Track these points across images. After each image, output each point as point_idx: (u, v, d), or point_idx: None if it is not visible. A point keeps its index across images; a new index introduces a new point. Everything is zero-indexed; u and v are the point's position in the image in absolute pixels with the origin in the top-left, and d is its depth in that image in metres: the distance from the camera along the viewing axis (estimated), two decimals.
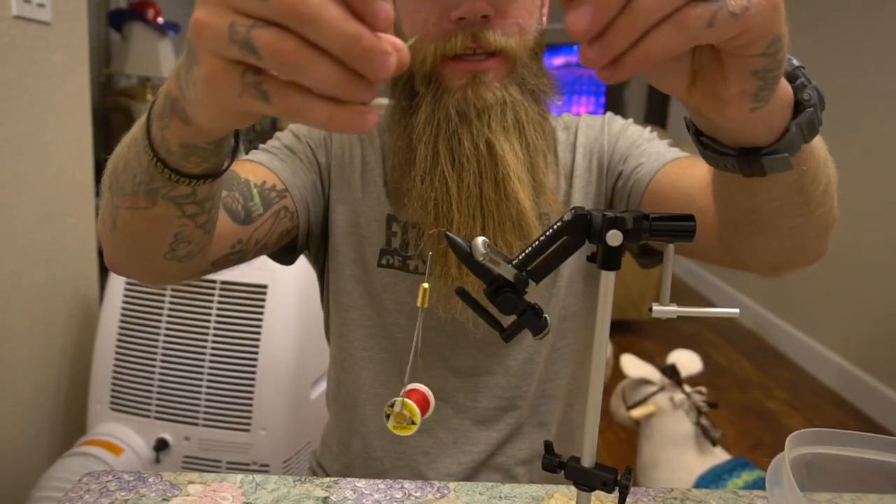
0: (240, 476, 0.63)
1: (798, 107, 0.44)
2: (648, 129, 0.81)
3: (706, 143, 0.46)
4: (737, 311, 0.47)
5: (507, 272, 0.45)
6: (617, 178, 0.77)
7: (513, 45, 0.66)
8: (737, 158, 0.45)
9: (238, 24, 0.31)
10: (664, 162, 0.72)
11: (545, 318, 0.47)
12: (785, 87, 0.42)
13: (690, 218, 0.45)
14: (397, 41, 0.33)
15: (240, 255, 0.67)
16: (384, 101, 0.75)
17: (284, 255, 0.79)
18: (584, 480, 0.46)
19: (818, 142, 0.49)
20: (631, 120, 0.82)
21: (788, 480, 0.44)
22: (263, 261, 0.79)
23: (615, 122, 0.82)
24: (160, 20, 3.43)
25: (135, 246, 0.56)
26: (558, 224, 0.45)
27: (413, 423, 0.56)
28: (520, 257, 0.46)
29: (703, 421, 1.53)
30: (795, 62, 0.44)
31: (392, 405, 0.55)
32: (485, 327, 0.73)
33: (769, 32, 0.35)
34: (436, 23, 0.64)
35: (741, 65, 0.36)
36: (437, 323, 0.74)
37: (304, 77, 0.32)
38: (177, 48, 3.65)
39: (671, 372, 1.62)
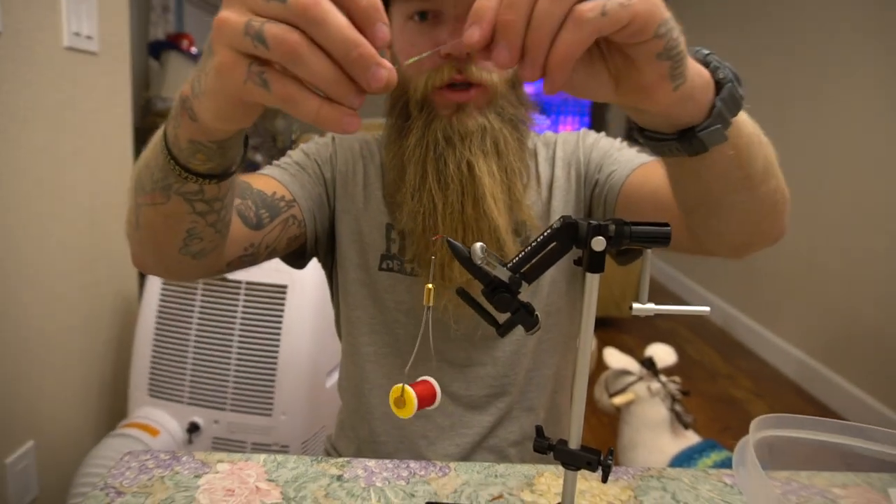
0: (263, 456, 0.63)
1: (718, 87, 0.46)
2: (619, 139, 0.81)
3: (650, 136, 0.48)
4: (707, 308, 0.47)
5: (503, 274, 0.45)
6: (594, 186, 0.77)
7: (493, 78, 0.66)
8: (678, 140, 0.46)
9: (254, 21, 0.33)
10: (633, 167, 0.72)
11: (536, 315, 0.47)
12: (699, 68, 0.44)
13: (666, 225, 0.45)
14: (388, 63, 0.35)
15: (252, 258, 0.68)
16: (381, 120, 0.75)
17: (295, 260, 0.79)
18: (571, 461, 0.46)
19: (748, 121, 0.51)
20: (603, 133, 0.82)
21: (752, 460, 0.44)
22: (283, 264, 0.79)
23: (589, 135, 0.82)
24: (193, 49, 3.44)
25: (154, 240, 0.57)
26: (548, 231, 0.45)
27: (413, 407, 0.56)
28: (514, 261, 0.46)
29: (677, 407, 1.53)
30: (705, 51, 0.47)
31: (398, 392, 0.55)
32: (465, 324, 0.74)
33: (655, 16, 0.37)
34: (428, 58, 0.65)
35: (644, 51, 0.39)
36: (433, 320, 0.74)
37: (303, 69, 0.33)
38: None
39: (649, 363, 1.62)
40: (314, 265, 0.83)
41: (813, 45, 2.75)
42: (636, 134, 0.50)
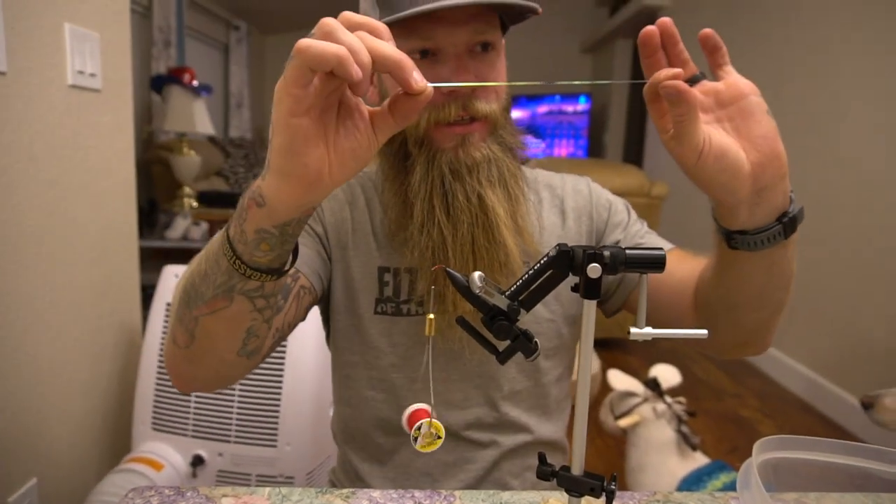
0: (268, 489, 0.63)
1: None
2: (623, 203, 0.83)
3: (758, 231, 0.55)
4: (705, 332, 0.47)
5: (501, 302, 0.46)
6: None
7: (494, 109, 0.68)
8: (782, 224, 0.54)
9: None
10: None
11: (535, 342, 0.47)
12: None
13: (660, 249, 0.45)
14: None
15: (280, 339, 0.69)
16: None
17: None
18: (575, 487, 0.46)
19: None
20: (611, 197, 0.84)
21: (756, 483, 0.44)
22: None
23: (599, 190, 0.84)
24: (195, 83, 3.49)
25: (213, 349, 0.59)
26: (545, 259, 0.45)
27: (439, 437, 0.57)
28: (512, 289, 0.46)
29: (684, 428, 1.52)
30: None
31: (419, 428, 0.56)
32: (480, 353, 0.74)
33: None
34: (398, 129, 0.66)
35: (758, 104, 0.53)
36: (443, 352, 0.75)
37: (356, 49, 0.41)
38: (209, 108, 3.71)
39: (653, 384, 1.60)
40: None
41: (819, 61, 2.79)
42: (735, 238, 0.56)
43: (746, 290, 0.61)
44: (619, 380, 1.65)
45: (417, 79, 0.43)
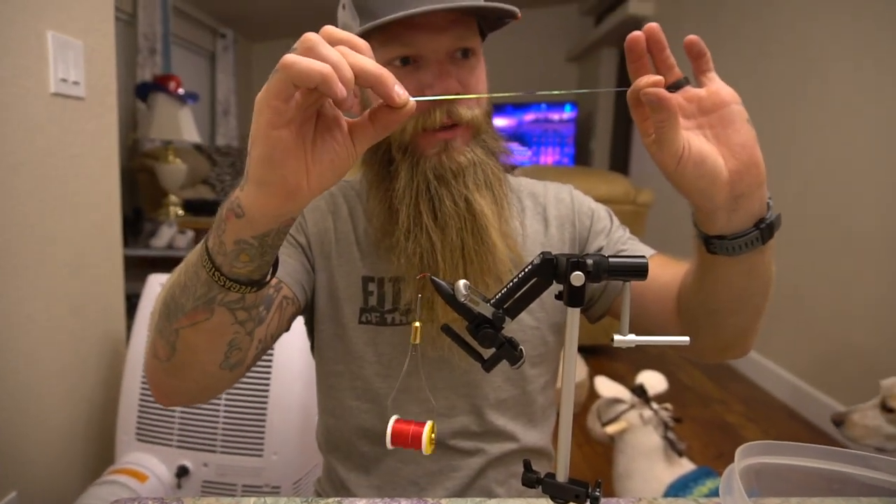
0: (252, 499, 0.62)
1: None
2: (605, 210, 0.84)
3: (735, 236, 0.56)
4: (686, 339, 0.47)
5: (486, 310, 0.46)
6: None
7: (477, 115, 0.68)
8: (759, 230, 0.55)
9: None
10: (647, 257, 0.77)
11: (520, 349, 0.48)
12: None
13: (642, 257, 0.46)
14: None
15: (263, 351, 0.69)
16: None
17: None
18: (559, 494, 0.47)
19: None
20: (593, 204, 0.84)
21: (738, 489, 0.44)
22: None
23: (581, 198, 0.84)
24: (181, 91, 3.48)
25: (194, 362, 0.58)
26: (529, 267, 0.46)
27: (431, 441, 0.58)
28: (496, 297, 0.47)
29: (670, 434, 1.52)
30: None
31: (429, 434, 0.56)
32: (463, 365, 0.74)
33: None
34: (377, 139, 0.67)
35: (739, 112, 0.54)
36: (414, 368, 0.74)
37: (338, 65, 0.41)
38: (195, 116, 3.69)
39: (640, 391, 1.61)
40: None
41: (799, 71, 2.83)
42: (713, 243, 0.57)
43: (726, 295, 0.62)
44: (606, 387, 1.66)
45: (400, 93, 0.43)
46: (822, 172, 2.54)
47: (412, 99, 0.44)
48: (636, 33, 0.51)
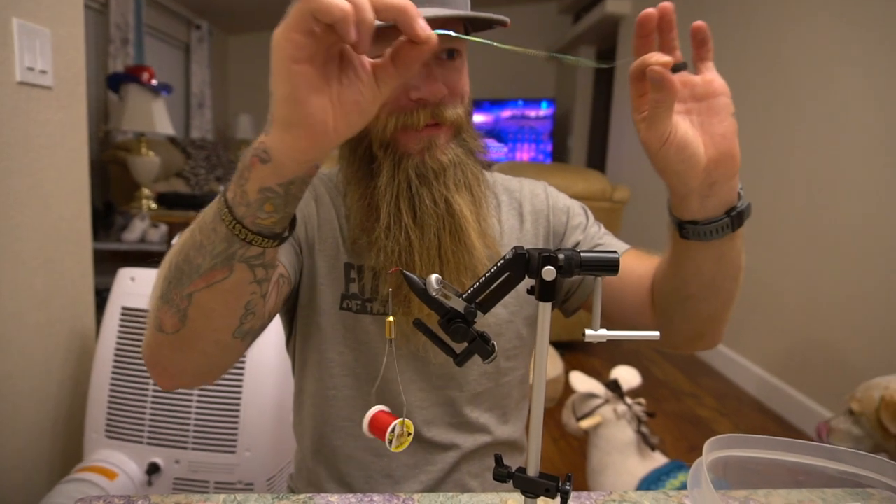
0: (222, 496, 0.61)
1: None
2: (581, 206, 0.85)
3: (708, 222, 0.59)
4: (657, 333, 0.48)
5: (458, 305, 0.46)
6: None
7: (460, 113, 0.68)
8: (730, 217, 0.58)
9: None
10: (622, 252, 0.78)
11: (493, 344, 0.48)
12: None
13: (614, 253, 0.46)
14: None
15: (263, 328, 0.66)
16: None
17: None
18: (530, 488, 0.47)
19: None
20: (568, 201, 0.85)
21: (706, 481, 0.45)
22: None
23: (556, 194, 0.85)
24: (154, 82, 3.41)
25: (208, 329, 0.55)
26: (501, 262, 0.46)
27: (409, 433, 0.58)
28: (469, 291, 0.46)
29: (643, 429, 1.54)
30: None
31: (393, 430, 0.56)
32: (440, 358, 0.74)
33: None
34: (394, 99, 0.66)
35: (724, 104, 0.58)
36: (391, 361, 0.74)
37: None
38: (169, 108, 3.63)
39: (614, 386, 1.63)
40: None
41: (776, 70, 2.88)
42: (686, 228, 0.60)
43: (698, 281, 0.64)
44: (581, 382, 1.67)
45: (423, 26, 0.43)
46: (794, 173, 2.59)
47: (435, 32, 0.44)
48: (649, 11, 0.53)
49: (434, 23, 0.64)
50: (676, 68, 0.55)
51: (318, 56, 0.43)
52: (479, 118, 5.94)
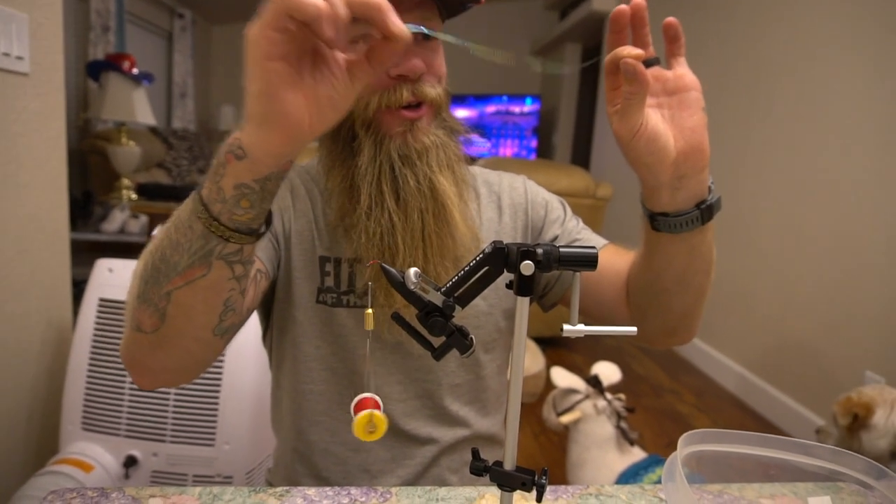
0: (198, 489, 0.61)
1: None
2: (558, 200, 0.85)
3: (678, 215, 0.60)
4: (634, 329, 0.48)
5: (437, 298, 0.46)
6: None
7: (440, 93, 0.69)
8: (700, 210, 0.60)
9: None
10: (600, 247, 0.78)
11: (471, 338, 0.48)
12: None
13: (592, 247, 0.46)
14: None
15: (241, 325, 0.65)
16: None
17: None
18: (506, 482, 0.47)
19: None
20: (547, 195, 0.85)
21: (680, 475, 0.45)
22: None
23: (535, 188, 0.85)
24: (135, 71, 3.36)
25: (188, 327, 0.55)
26: (480, 256, 0.46)
27: (373, 430, 0.57)
28: (447, 285, 0.46)
29: (623, 424, 1.56)
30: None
31: (370, 419, 0.56)
32: (418, 350, 0.74)
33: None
34: (378, 78, 0.66)
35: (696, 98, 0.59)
36: (385, 347, 0.74)
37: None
38: (151, 98, 3.58)
39: (594, 381, 1.64)
40: None
41: (752, 69, 2.90)
42: (657, 220, 0.61)
43: (670, 274, 0.65)
44: (562, 377, 1.68)
45: (395, 22, 0.43)
46: (771, 173, 2.62)
47: (407, 27, 0.44)
48: (622, 7, 0.54)
49: (408, 13, 0.64)
50: (649, 63, 0.57)
51: (293, 53, 0.43)
52: (462, 113, 5.92)
